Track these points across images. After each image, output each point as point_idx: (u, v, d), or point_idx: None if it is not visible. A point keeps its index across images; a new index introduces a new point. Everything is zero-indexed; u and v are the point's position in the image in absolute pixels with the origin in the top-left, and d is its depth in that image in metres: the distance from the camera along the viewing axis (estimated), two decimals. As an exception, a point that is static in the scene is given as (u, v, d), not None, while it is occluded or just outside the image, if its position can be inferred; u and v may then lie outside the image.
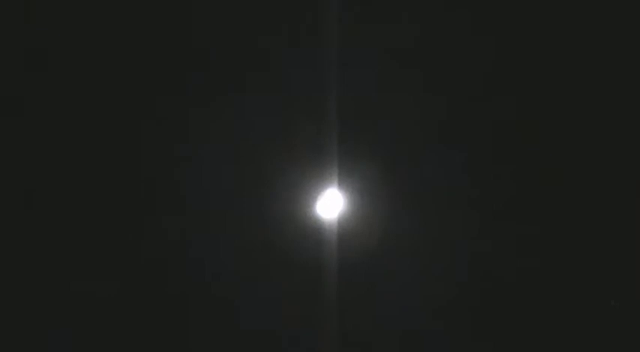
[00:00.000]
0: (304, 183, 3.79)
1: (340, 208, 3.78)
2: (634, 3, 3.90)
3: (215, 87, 3.86)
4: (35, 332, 3.76)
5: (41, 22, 3.86)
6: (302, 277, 3.74)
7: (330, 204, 3.77)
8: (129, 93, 3.87)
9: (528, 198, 3.86)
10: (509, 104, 3.90)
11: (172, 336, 3.79)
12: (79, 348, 3.76)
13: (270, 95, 3.84)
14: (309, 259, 3.74)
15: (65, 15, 3.86)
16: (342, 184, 3.78)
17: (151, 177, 3.85)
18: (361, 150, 3.81)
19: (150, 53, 3.88)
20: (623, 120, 3.89)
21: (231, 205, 3.81)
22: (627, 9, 3.90)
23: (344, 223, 3.76)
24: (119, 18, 3.88)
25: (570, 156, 3.88)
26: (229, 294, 3.78)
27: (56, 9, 3.86)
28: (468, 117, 3.88)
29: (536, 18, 3.90)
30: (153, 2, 3.87)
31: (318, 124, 3.79)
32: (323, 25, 3.81)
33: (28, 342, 3.75)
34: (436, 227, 3.80)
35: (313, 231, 3.76)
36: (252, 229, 3.78)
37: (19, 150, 3.86)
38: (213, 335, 3.78)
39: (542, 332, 3.77)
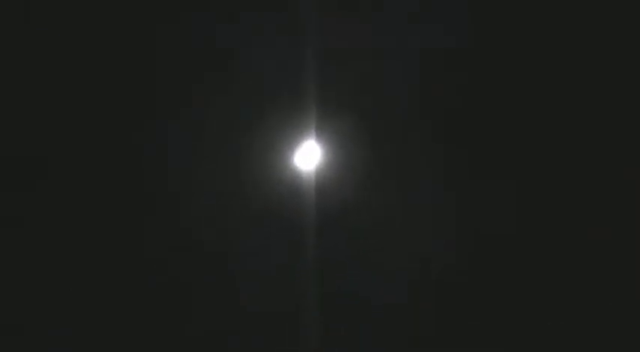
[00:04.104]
0: (281, 135, 3.77)
1: (318, 159, 3.78)
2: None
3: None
4: (35, 332, 3.72)
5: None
6: (280, 228, 3.75)
7: (308, 156, 3.77)
8: (126, 93, 3.81)
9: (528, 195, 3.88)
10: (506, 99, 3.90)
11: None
12: (78, 348, 3.73)
13: (250, 48, 3.79)
14: (287, 210, 3.75)
15: (63, 14, 3.78)
16: (319, 136, 3.77)
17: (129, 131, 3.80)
18: (339, 102, 3.79)
19: (148, 53, 3.80)
20: (623, 120, 3.90)
21: (207, 157, 3.78)
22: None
23: (321, 174, 3.77)
24: (110, 16, 3.79)
25: (570, 156, 3.88)
26: (207, 246, 3.78)
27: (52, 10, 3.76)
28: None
29: (537, 17, 3.87)
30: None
31: (296, 75, 3.76)
32: None
33: (28, 342, 3.71)
34: (413, 176, 3.83)
35: (291, 182, 3.76)
36: (227, 181, 3.77)
37: (18, 147, 3.78)
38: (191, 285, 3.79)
39: (543, 332, 3.82)
